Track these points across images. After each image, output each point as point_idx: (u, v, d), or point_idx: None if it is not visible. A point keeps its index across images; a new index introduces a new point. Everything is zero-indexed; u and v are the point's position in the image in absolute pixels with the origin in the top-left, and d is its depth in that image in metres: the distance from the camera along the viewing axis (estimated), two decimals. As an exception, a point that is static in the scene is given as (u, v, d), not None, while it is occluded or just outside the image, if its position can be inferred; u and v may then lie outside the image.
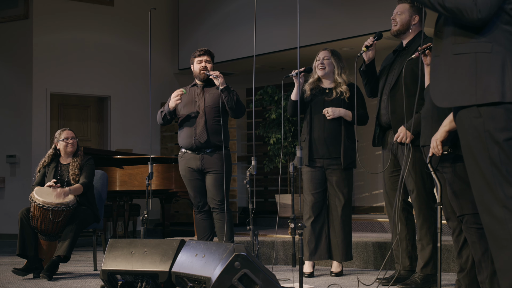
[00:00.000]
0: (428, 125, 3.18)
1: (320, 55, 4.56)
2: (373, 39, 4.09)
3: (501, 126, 2.40)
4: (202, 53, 4.84)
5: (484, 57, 2.44)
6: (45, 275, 4.42)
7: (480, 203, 2.47)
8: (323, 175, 4.50)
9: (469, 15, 2.40)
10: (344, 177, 4.47)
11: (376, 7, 7.06)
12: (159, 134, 9.67)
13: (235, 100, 4.71)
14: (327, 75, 4.54)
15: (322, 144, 4.45)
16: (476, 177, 2.48)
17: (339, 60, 4.55)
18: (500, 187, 2.40)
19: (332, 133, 4.44)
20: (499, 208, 2.39)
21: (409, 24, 3.95)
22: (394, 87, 3.92)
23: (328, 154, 4.45)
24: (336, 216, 4.45)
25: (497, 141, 2.41)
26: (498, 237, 2.41)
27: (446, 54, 2.55)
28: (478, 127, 2.44)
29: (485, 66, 2.43)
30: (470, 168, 2.50)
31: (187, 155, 4.78)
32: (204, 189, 4.78)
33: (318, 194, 4.48)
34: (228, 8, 8.97)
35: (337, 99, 4.47)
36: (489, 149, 2.42)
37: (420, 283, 3.76)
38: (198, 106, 4.77)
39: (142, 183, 6.50)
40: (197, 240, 4.47)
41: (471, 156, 2.48)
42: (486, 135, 2.42)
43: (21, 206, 5.10)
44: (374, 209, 8.09)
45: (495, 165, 2.41)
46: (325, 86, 4.56)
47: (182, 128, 4.81)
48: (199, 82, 4.87)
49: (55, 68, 8.81)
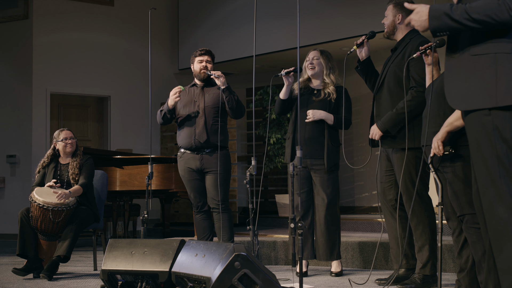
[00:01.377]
0: (430, 125, 3.17)
1: (310, 55, 4.57)
2: (364, 37, 4.10)
3: (510, 124, 2.37)
4: (203, 52, 4.83)
5: (504, 58, 2.39)
6: (45, 275, 4.42)
7: (485, 201, 2.45)
8: (308, 174, 4.50)
9: (501, 17, 2.34)
10: (327, 178, 4.46)
11: (376, 7, 7.05)
12: (159, 134, 9.67)
13: (236, 101, 4.71)
14: (317, 75, 4.54)
15: (306, 144, 4.45)
16: (482, 175, 2.45)
17: (328, 60, 4.55)
18: (506, 187, 2.37)
19: (314, 134, 4.45)
20: (504, 208, 2.37)
21: (394, 24, 3.96)
22: (379, 90, 3.95)
23: (311, 155, 4.45)
24: (321, 216, 4.45)
25: (506, 139, 2.38)
26: (500, 237, 2.39)
27: (462, 55, 2.49)
28: (487, 124, 2.40)
29: (505, 67, 2.38)
30: (477, 165, 2.47)
31: (187, 155, 4.78)
32: (203, 189, 4.77)
33: (304, 194, 4.48)
34: (228, 8, 8.98)
35: (324, 100, 4.48)
36: (497, 148, 2.39)
37: (420, 283, 3.76)
38: (198, 106, 4.77)
39: (142, 183, 6.50)
40: (197, 240, 4.46)
41: (479, 153, 2.45)
42: (495, 133, 2.39)
43: (21, 206, 5.10)
44: (374, 209, 8.08)
45: (502, 164, 2.38)
46: (314, 86, 4.57)
47: (182, 128, 4.81)
48: (198, 82, 4.87)
49: (55, 68, 8.81)
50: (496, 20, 2.35)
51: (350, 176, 8.70)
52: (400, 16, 3.93)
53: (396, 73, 3.82)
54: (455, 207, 3.07)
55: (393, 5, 3.95)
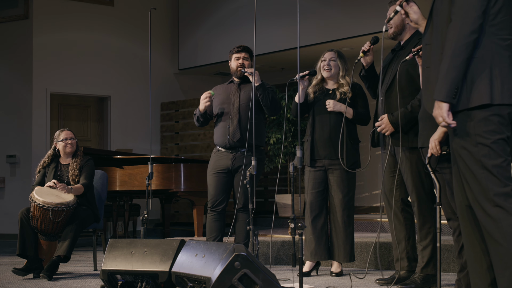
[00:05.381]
0: (427, 127, 3.17)
1: (326, 56, 4.51)
2: (369, 44, 4.08)
3: (490, 128, 2.45)
4: (240, 49, 4.77)
5: (472, 62, 2.47)
6: (45, 275, 4.42)
7: (474, 203, 2.52)
8: (324, 175, 4.48)
9: (469, 26, 2.44)
10: (345, 178, 4.43)
11: (376, 7, 7.06)
12: (159, 134, 9.67)
13: (270, 98, 4.63)
14: (332, 76, 4.51)
15: (324, 144, 4.43)
16: (468, 179, 2.52)
17: (345, 62, 4.52)
18: (491, 187, 2.44)
19: (334, 133, 4.41)
20: (492, 207, 2.44)
21: (403, 23, 3.93)
22: (390, 88, 3.91)
23: (330, 155, 4.43)
24: (337, 216, 4.43)
25: (486, 144, 2.45)
26: (493, 236, 2.46)
27: (435, 64, 2.59)
28: (468, 130, 2.48)
29: (473, 71, 2.47)
30: (462, 170, 2.54)
31: (220, 153, 4.74)
32: (226, 188, 4.71)
33: (317, 194, 4.46)
34: (228, 8, 8.98)
35: (341, 100, 4.44)
36: (479, 151, 2.46)
37: (420, 283, 3.76)
38: (233, 103, 4.73)
39: (142, 183, 6.51)
40: (197, 240, 4.46)
41: (461, 159, 2.52)
42: (477, 138, 2.46)
43: (21, 206, 5.10)
44: (374, 209, 8.08)
45: (485, 167, 2.45)
46: (329, 87, 4.54)
47: (217, 126, 4.77)
48: (236, 79, 4.83)
49: (55, 68, 8.82)
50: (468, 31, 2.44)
51: (350, 176, 8.69)
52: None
53: (408, 71, 3.80)
54: (454, 208, 3.07)
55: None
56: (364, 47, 4.07)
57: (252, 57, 4.78)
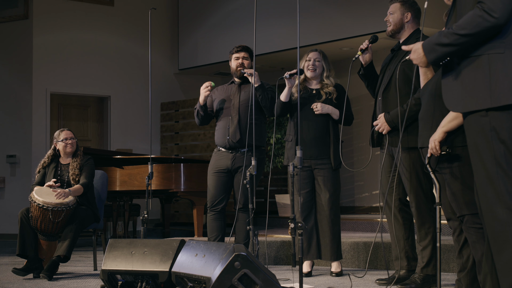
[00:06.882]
0: (427, 127, 3.17)
1: (310, 56, 4.54)
2: (368, 42, 4.08)
3: (508, 125, 2.38)
4: (239, 49, 4.77)
5: (497, 58, 2.39)
6: (45, 275, 4.42)
7: (483, 202, 2.45)
8: (311, 174, 4.49)
9: (487, 23, 2.36)
10: (331, 177, 4.45)
11: (376, 7, 7.06)
12: (159, 134, 9.68)
13: (270, 98, 4.62)
14: (316, 76, 4.54)
15: (310, 144, 4.44)
16: (480, 176, 2.45)
17: (328, 63, 4.56)
18: (504, 188, 2.37)
19: (319, 133, 4.44)
20: (502, 209, 2.37)
21: (402, 22, 3.92)
22: (387, 88, 3.91)
23: (316, 155, 4.44)
24: (324, 215, 4.44)
25: (503, 140, 2.38)
26: (499, 238, 2.39)
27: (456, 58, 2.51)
28: (484, 125, 2.41)
29: (498, 67, 2.39)
30: (475, 167, 2.48)
31: (220, 153, 4.74)
32: (225, 188, 4.71)
33: (306, 194, 4.47)
34: (228, 8, 8.98)
35: (326, 100, 4.47)
36: (494, 149, 2.39)
37: (420, 283, 3.75)
38: (233, 104, 4.72)
39: (142, 183, 6.51)
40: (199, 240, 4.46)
41: (477, 154, 2.45)
42: (493, 134, 2.39)
43: (21, 206, 5.10)
44: (374, 209, 8.09)
45: (499, 165, 2.38)
46: (312, 87, 4.56)
47: (218, 126, 4.77)
48: (236, 79, 4.82)
49: (55, 68, 8.82)
50: (485, 27, 2.36)
51: (350, 176, 8.70)
52: (409, 15, 3.90)
53: (405, 71, 3.80)
54: (455, 208, 3.07)
55: (401, 3, 3.91)
56: (362, 45, 4.07)
57: (252, 56, 4.77)
